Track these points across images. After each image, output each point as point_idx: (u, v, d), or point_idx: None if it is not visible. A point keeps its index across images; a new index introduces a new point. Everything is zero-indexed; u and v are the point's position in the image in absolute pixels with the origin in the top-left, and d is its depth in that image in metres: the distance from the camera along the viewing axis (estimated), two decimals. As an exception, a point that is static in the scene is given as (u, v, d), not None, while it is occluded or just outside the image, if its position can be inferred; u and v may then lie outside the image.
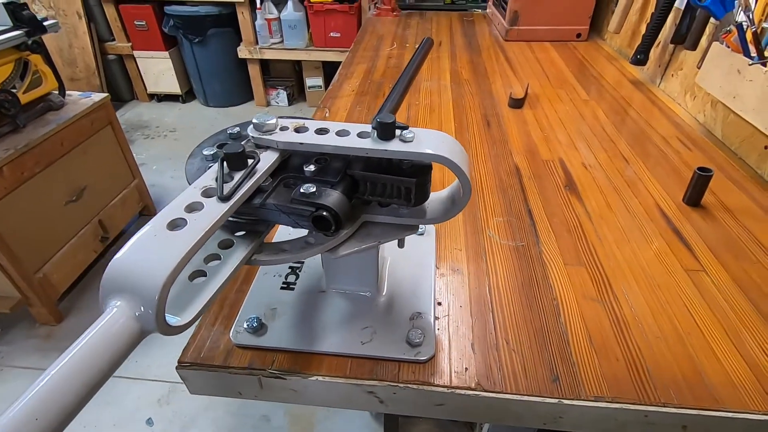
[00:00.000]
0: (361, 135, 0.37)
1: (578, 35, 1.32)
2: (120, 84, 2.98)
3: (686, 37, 0.88)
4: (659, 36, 0.97)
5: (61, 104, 1.52)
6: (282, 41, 2.76)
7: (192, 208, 0.31)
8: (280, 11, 2.66)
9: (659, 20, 0.94)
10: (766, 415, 0.37)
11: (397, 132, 0.36)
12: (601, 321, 0.45)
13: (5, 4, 1.27)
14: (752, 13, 0.70)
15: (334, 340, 0.42)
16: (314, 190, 0.35)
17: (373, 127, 0.37)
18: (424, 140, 0.36)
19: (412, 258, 0.51)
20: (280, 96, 3.04)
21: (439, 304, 0.47)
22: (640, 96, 0.97)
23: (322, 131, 0.38)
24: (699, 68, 0.84)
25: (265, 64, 2.96)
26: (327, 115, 0.87)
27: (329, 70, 2.95)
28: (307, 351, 0.41)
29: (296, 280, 0.49)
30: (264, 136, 0.37)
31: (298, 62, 2.91)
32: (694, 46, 0.87)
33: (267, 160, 0.36)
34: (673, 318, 0.45)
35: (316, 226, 0.35)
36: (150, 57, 2.84)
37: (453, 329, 0.44)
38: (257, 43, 2.75)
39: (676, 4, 0.93)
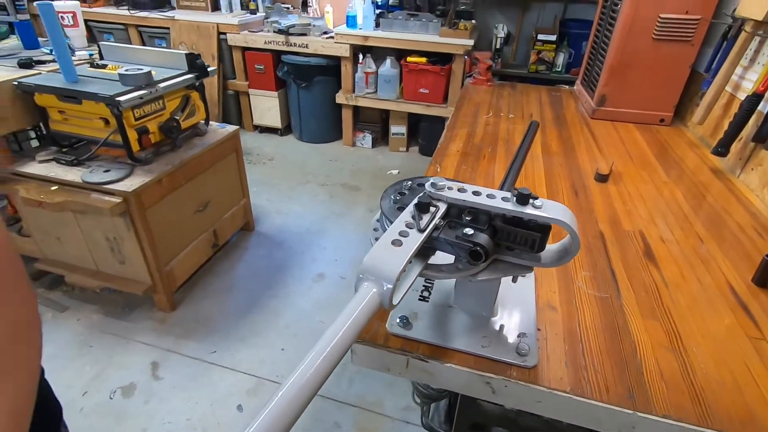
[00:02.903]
0: (504, 199, 0.54)
1: (662, 120, 1.44)
2: (232, 114, 3.45)
3: (767, 138, 0.98)
4: (741, 133, 1.08)
5: (205, 131, 1.86)
6: (375, 92, 3.10)
7: (402, 234, 0.49)
8: (378, 66, 3.02)
9: (741, 120, 1.05)
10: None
11: (530, 200, 0.53)
12: (671, 363, 0.57)
13: (186, 55, 1.64)
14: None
15: (461, 341, 0.58)
16: (472, 232, 0.52)
17: (512, 195, 0.54)
18: (549, 208, 0.52)
19: (517, 293, 0.66)
20: (366, 139, 3.35)
21: (539, 329, 0.61)
22: (718, 184, 1.07)
23: (476, 193, 0.55)
24: (778, 167, 0.94)
25: (356, 110, 3.31)
26: (438, 170, 1.06)
27: (413, 120, 3.24)
28: (442, 345, 0.57)
29: (429, 295, 0.65)
30: (437, 192, 0.55)
31: (386, 111, 3.23)
32: (773, 147, 0.97)
33: (440, 208, 0.54)
34: (734, 371, 0.56)
35: (471, 257, 0.52)
36: (261, 95, 3.29)
37: (551, 350, 0.58)
38: (354, 91, 3.11)
39: (759, 108, 1.04)
